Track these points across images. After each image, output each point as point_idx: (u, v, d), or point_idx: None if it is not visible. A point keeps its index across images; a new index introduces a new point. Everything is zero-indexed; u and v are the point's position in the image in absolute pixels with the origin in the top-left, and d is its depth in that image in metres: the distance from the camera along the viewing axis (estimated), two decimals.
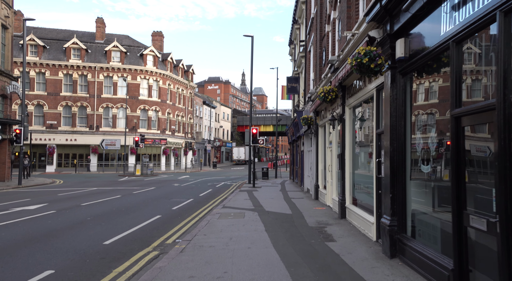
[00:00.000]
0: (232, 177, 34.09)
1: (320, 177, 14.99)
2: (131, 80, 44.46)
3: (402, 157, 5.74)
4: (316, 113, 15.03)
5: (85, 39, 45.74)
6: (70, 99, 42.81)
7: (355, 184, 9.47)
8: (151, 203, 14.40)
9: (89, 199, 15.55)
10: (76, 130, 42.90)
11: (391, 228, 5.74)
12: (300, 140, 22.61)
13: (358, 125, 9.64)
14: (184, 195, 17.63)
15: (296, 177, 26.11)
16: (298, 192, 18.84)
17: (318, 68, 14.78)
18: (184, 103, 53.22)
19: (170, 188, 21.51)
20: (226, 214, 11.21)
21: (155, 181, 27.24)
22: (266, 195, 17.40)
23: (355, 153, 9.59)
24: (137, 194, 17.97)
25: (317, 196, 15.05)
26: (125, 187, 22.24)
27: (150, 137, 45.20)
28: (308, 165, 19.24)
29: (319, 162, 15.01)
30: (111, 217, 10.92)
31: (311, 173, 17.61)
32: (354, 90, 9.01)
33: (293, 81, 23.93)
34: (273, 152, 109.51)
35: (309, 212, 11.58)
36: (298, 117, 19.77)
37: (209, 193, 18.94)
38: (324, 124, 14.11)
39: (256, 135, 22.77)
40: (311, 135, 15.63)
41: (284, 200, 15.31)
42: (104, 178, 31.10)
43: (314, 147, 15.60)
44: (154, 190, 20.35)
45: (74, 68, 42.93)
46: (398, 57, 5.61)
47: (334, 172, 11.85)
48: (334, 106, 11.45)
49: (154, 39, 51.15)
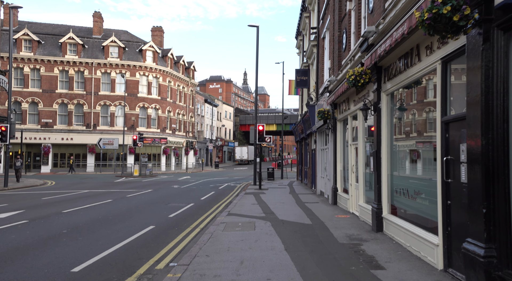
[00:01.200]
0: (235, 177, 32.21)
1: (339, 179, 13.07)
2: (130, 76, 42.61)
3: (503, 154, 3.84)
4: (334, 105, 13.12)
5: (82, 34, 43.91)
6: (66, 97, 40.99)
7: (394, 188, 7.56)
8: (145, 209, 12.50)
9: (74, 204, 13.67)
10: (73, 128, 41.07)
11: (488, 261, 3.82)
12: (311, 138, 20.70)
13: (397, 116, 7.74)
14: (184, 199, 15.74)
15: (305, 178, 24.20)
16: (310, 195, 16.92)
17: (336, 54, 12.87)
18: (185, 101, 51.34)
19: (168, 191, 19.63)
20: (233, 224, 9.32)
21: (154, 183, 25.37)
22: (275, 198, 15.50)
23: (394, 150, 7.69)
24: (131, 197, 16.07)
25: (335, 200, 13.13)
26: (120, 189, 20.37)
27: (150, 136, 43.33)
28: (321, 165, 17.33)
29: (338, 162, 13.09)
30: (92, 229, 9.02)
31: (326, 174, 15.70)
32: (396, 71, 7.10)
33: (302, 74, 22.00)
34: (275, 152, 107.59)
35: (332, 221, 9.66)
36: (309, 112, 17.86)
37: (211, 196, 17.05)
38: (345, 118, 12.20)
39: (263, 133, 20.87)
40: (328, 131, 13.73)
41: (297, 205, 13.41)
42: (100, 179, 29.26)
43: (331, 145, 13.69)
44: (151, 192, 18.46)
45: (70, 64, 41.09)
46: (500, 2, 3.70)
47: (361, 174, 9.94)
48: (361, 94, 9.54)
49: (153, 34, 49.29)
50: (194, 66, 54.29)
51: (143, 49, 43.46)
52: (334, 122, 13.32)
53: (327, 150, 15.74)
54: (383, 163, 7.78)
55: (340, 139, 13.08)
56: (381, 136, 7.83)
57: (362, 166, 9.91)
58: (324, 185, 16.14)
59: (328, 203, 13.78)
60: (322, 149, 17.14)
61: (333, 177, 13.43)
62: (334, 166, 13.27)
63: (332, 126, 13.37)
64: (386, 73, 7.58)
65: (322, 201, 14.51)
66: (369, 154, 8.61)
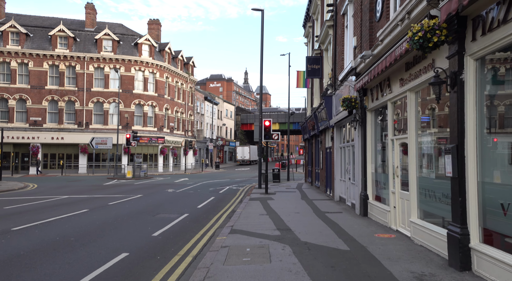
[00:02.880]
0: (237, 179, 29.54)
1: (370, 184, 10.38)
2: (125, 72, 39.95)
3: None
4: (363, 92, 10.43)
5: (74, 27, 41.27)
6: (56, 93, 38.34)
7: (489, 204, 4.88)
8: (124, 224, 9.82)
9: (38, 216, 10.98)
10: (63, 127, 38.41)
11: None
12: (325, 135, 18.01)
13: (488, 92, 5.07)
14: (177, 207, 13.06)
15: (316, 181, 21.49)
16: (327, 202, 14.23)
17: (366, 26, 10.18)
18: (184, 98, 48.65)
19: (161, 196, 16.94)
20: (238, 251, 6.64)
21: (146, 186, 22.69)
22: (287, 206, 12.82)
23: (486, 146, 5.01)
24: (113, 206, 13.36)
25: (365, 210, 10.43)
26: (105, 194, 17.68)
27: (146, 135, 40.67)
28: (340, 166, 14.63)
29: (368, 163, 10.40)
30: (32, 264, 6.29)
31: (349, 177, 13.00)
32: (497, 21, 4.44)
33: (314, 62, 19.31)
34: (278, 152, 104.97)
35: (376, 245, 6.96)
36: (326, 103, 15.17)
37: (210, 204, 14.37)
38: (380, 107, 9.51)
39: (270, 129, 18.19)
40: (354, 124, 11.05)
41: (316, 216, 10.72)
42: (89, 181, 26.59)
43: (358, 142, 11.00)
44: (140, 199, 15.77)
45: (60, 59, 38.45)
46: None
47: (413, 178, 7.24)
48: (416, 68, 6.86)
49: (150, 27, 46.60)
50: (194, 62, 51.60)
51: (139, 42, 40.80)
52: (362, 113, 10.63)
53: (349, 148, 13.05)
54: (469, 165, 5.09)
55: (372, 134, 10.40)
56: (466, 124, 5.14)
57: (414, 168, 7.22)
58: (346, 190, 13.44)
59: (355, 214, 11.08)
60: (341, 147, 14.45)
61: (361, 181, 10.74)
62: (363, 168, 10.58)
63: (360, 118, 10.67)
64: (478, 26, 4.89)
65: (346, 211, 11.80)
66: (447, 150, 5.90)
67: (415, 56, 6.86)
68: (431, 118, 6.89)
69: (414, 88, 7.17)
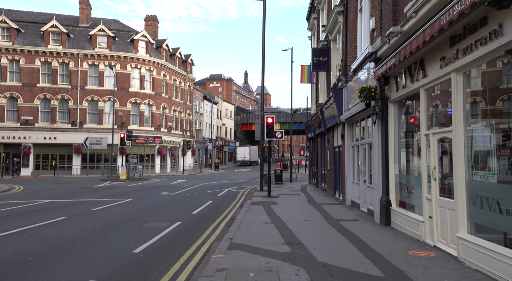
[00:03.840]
0: (237, 181, 28.01)
1: (393, 187, 8.84)
2: (120, 69, 38.42)
3: None
4: (385, 80, 8.90)
5: (68, 23, 39.73)
6: (49, 91, 36.81)
7: None
8: (102, 237, 8.26)
9: (2, 227, 9.43)
10: (56, 127, 36.87)
11: None
12: (333, 132, 16.47)
13: None
14: (170, 213, 11.52)
15: (322, 182, 19.95)
16: (337, 207, 12.70)
17: (388, 3, 8.65)
18: (182, 97, 47.09)
19: (153, 200, 15.39)
20: (239, 277, 5.11)
21: (140, 188, 21.14)
22: (294, 212, 11.29)
23: None
24: (97, 212, 11.78)
25: (387, 219, 8.89)
26: (93, 198, 16.14)
27: (143, 135, 39.13)
28: (352, 167, 13.09)
29: (391, 163, 8.87)
30: None
31: (364, 180, 11.46)
32: None
33: (320, 54, 17.78)
34: (278, 153, 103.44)
35: (417, 268, 5.42)
36: (335, 97, 13.63)
37: (207, 209, 12.83)
38: (406, 97, 7.98)
39: (272, 126, 16.66)
40: (374, 118, 9.49)
41: (329, 224, 9.19)
42: (80, 183, 25.05)
43: (377, 139, 9.47)
44: (129, 203, 14.22)
45: (53, 55, 36.91)
46: None
47: (460, 182, 5.70)
48: (466, 43, 5.34)
49: (147, 24, 45.04)
50: (192, 60, 50.05)
51: (135, 39, 39.25)
52: (383, 105, 9.09)
53: (364, 147, 11.53)
54: None
55: (395, 129, 8.87)
56: None
57: (462, 169, 5.68)
58: (360, 194, 11.90)
59: (374, 222, 9.54)
60: (354, 145, 12.91)
61: (381, 184, 9.21)
62: (384, 169, 9.04)
63: (381, 111, 9.13)
64: None
65: (363, 218, 10.26)
66: (492, 148, 4.37)
67: (466, 25, 5.33)
68: (487, 105, 5.35)
69: (463, 68, 5.64)
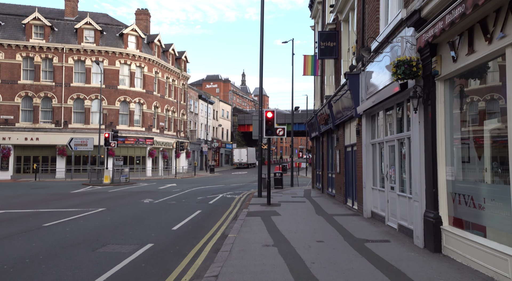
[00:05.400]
0: (232, 185, 25.49)
1: (444, 199, 6.36)
2: (108, 65, 35.88)
3: None
4: (432, 49, 6.42)
5: (52, 16, 37.18)
6: (31, 89, 34.21)
7: None
8: (27, 274, 5.72)
9: None
10: (39, 127, 34.25)
11: None
12: (344, 129, 13.98)
13: None
14: (142, 230, 8.99)
15: (329, 187, 17.44)
16: (354, 219, 10.19)
17: None
18: (176, 96, 44.55)
19: (130, 210, 12.83)
20: None
21: (121, 194, 18.56)
22: (301, 227, 8.79)
23: None
24: (46, 229, 9.13)
25: (437, 243, 6.39)
26: (59, 207, 13.55)
27: (133, 135, 36.57)
28: (373, 170, 10.59)
29: (440, 165, 6.39)
30: None
31: (391, 187, 8.95)
32: None
33: (328, 39, 15.33)
34: (276, 155, 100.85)
35: None
36: (351, 84, 11.14)
37: (193, 222, 10.30)
38: (472, 67, 5.52)
39: (273, 122, 14.17)
40: (414, 102, 6.91)
41: (354, 250, 6.69)
42: (58, 188, 22.44)
43: (420, 131, 6.99)
44: (98, 215, 11.64)
45: (36, 50, 34.34)
46: None
47: None
48: None
49: (138, 18, 42.56)
50: (186, 57, 47.51)
51: (125, 33, 36.73)
52: (428, 85, 6.62)
53: (391, 144, 9.04)
54: None
55: (446, 118, 6.40)
56: None
57: None
58: (386, 205, 9.38)
59: (414, 246, 7.03)
60: (374, 143, 10.43)
61: (425, 194, 6.73)
62: (430, 173, 6.56)
63: (425, 93, 6.66)
64: None
65: (395, 238, 7.74)
66: None
67: None
68: None
69: None
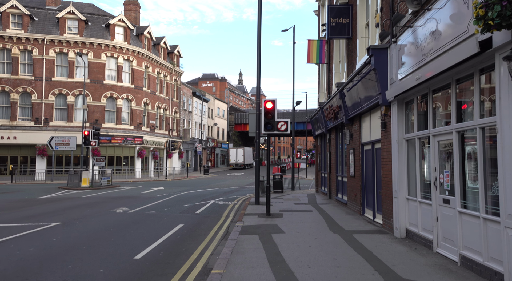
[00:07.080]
0: (227, 188, 22.83)
1: None
2: (93, 58, 33.14)
3: None
4: None
5: (33, 4, 34.39)
6: (8, 83, 31.43)
7: None
8: None
9: None
10: (17, 124, 31.48)
11: None
12: (360, 123, 11.33)
13: None
14: (91, 262, 6.32)
15: (339, 193, 14.78)
16: (382, 239, 7.54)
17: None
18: (168, 93, 41.82)
19: (91, 226, 10.10)
20: None
21: (93, 201, 15.83)
22: (315, 255, 6.13)
23: None
24: None
25: None
26: (7, 221, 10.83)
27: (120, 134, 33.84)
28: (408, 174, 7.92)
29: None
30: None
31: (442, 199, 6.28)
32: None
33: (339, 15, 12.68)
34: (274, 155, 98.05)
35: None
36: (376, 63, 8.47)
37: (168, 244, 7.61)
38: None
39: (273, 115, 11.50)
40: (507, 66, 4.40)
41: None
42: (28, 193, 19.67)
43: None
44: (45, 233, 8.92)
45: (13, 41, 31.55)
46: None
47: None
48: None
49: (127, 9, 39.76)
50: (179, 51, 44.78)
51: (111, 23, 34.00)
52: None
53: (449, 139, 6.39)
54: None
55: None
56: None
57: None
58: (433, 223, 6.70)
59: None
60: (410, 138, 7.77)
61: None
62: None
63: None
64: None
65: (462, 278, 5.10)
66: None
67: None
68: None
69: None
